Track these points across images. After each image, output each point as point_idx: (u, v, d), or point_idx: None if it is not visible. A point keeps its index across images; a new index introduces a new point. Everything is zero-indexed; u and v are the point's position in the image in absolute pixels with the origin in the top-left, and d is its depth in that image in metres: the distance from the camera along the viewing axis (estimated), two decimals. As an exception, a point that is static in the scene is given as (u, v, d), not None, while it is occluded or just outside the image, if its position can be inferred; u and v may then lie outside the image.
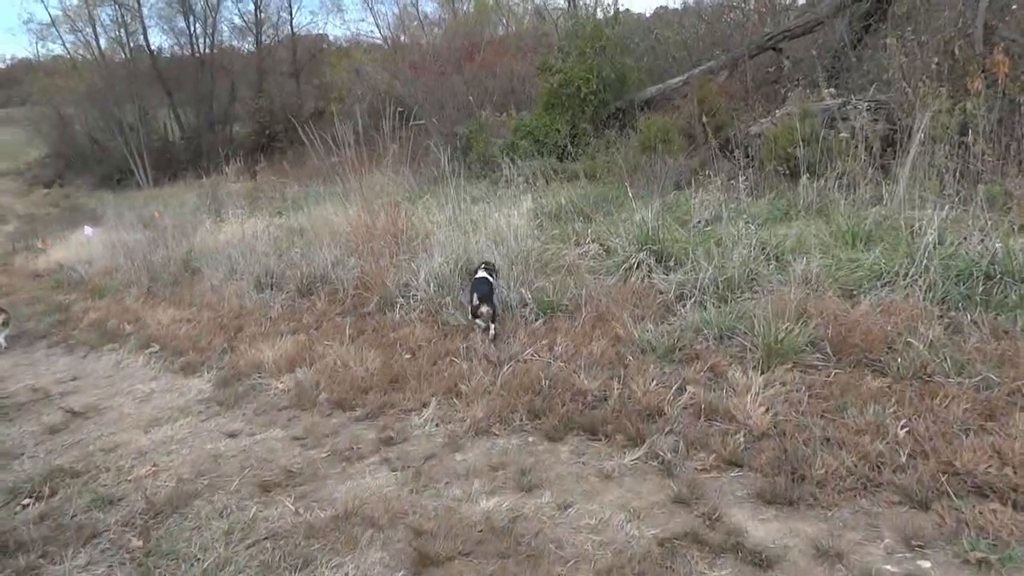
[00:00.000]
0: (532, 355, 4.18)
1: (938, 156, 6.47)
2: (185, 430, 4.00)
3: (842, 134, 7.36)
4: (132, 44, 28.76)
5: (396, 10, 26.23)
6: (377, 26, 27.53)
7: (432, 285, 5.27)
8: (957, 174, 6.34)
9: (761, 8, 13.85)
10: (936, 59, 7.22)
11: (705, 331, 4.01)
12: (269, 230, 8.58)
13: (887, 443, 2.84)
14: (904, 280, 4.09)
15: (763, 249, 5.13)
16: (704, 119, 9.10)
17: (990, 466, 2.61)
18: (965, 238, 4.78)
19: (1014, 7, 7.67)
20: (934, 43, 7.96)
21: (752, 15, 13.03)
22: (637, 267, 5.03)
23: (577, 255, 5.72)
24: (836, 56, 10.83)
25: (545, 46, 17.50)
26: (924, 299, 3.89)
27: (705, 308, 4.24)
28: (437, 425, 3.64)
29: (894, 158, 7.19)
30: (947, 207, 5.17)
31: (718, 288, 4.46)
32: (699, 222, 6.48)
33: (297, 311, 5.83)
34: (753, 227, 5.90)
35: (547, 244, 6.15)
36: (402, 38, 26.62)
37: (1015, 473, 2.56)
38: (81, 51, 28.65)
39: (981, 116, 6.52)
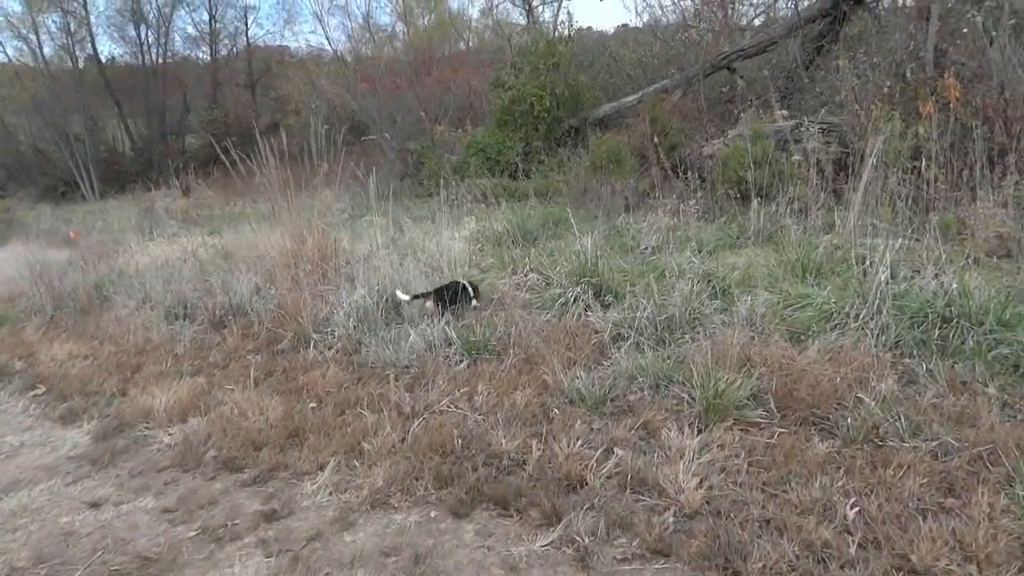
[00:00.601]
0: (449, 405, 3.71)
1: (891, 182, 6.22)
2: (43, 497, 3.44)
3: (794, 157, 7.09)
4: (79, 52, 27.69)
5: (348, 23, 25.63)
6: (327, 39, 26.94)
7: (351, 321, 4.77)
8: (910, 201, 6.09)
9: (716, 27, 13.71)
10: (888, 82, 6.99)
11: (640, 379, 3.58)
12: (197, 252, 7.99)
13: (835, 527, 2.44)
14: (855, 322, 3.72)
15: (708, 282, 4.76)
16: (656, 139, 8.79)
17: (951, 561, 2.22)
18: (918, 271, 4.47)
19: (964, 31, 7.50)
20: (886, 65, 7.77)
21: (707, 34, 12.84)
22: (574, 302, 4.60)
23: (514, 286, 5.28)
24: (789, 77, 10.66)
25: (502, 61, 17.14)
26: (876, 345, 3.53)
27: (642, 352, 3.82)
28: (331, 494, 3.14)
29: (846, 182, 6.94)
30: (900, 238, 4.87)
31: (657, 328, 4.04)
32: (645, 249, 6.10)
33: (206, 347, 5.27)
34: (699, 257, 5.55)
35: (484, 272, 5.70)
36: (363, 51, 26.10)
37: (979, 571, 2.18)
38: (27, 59, 27.45)
39: (933, 141, 6.29)
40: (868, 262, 4.61)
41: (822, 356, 3.50)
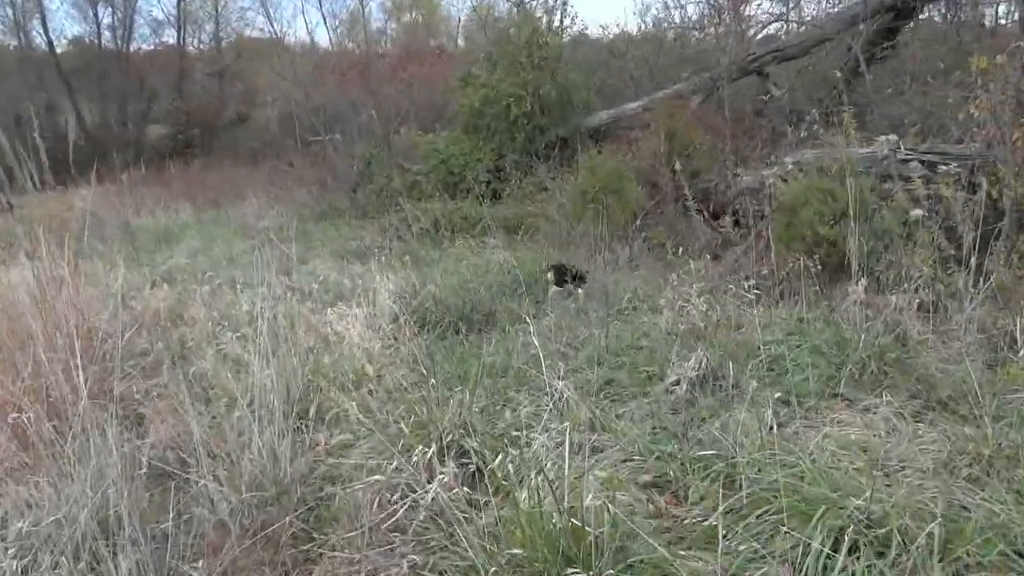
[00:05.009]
0: None
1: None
2: None
3: (915, 211, 4.14)
4: (29, 31, 24.38)
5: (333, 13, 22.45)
6: (268, 18, 23.51)
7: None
8: None
9: (739, 26, 10.68)
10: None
11: None
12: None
13: None
14: None
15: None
16: (676, 163, 5.81)
17: None
18: None
19: None
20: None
21: (731, 30, 9.81)
22: None
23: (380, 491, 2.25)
24: (847, 82, 7.65)
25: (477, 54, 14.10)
26: None
27: None
28: None
29: (989, 253, 4.05)
30: None
31: None
32: (676, 384, 3.11)
33: None
34: (788, 417, 2.59)
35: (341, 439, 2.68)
36: (350, 46, 22.76)
37: None
38: (-30, 36, 24.07)
39: None
40: None
41: None
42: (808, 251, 4.29)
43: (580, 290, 4.70)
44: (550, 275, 4.87)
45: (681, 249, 5.23)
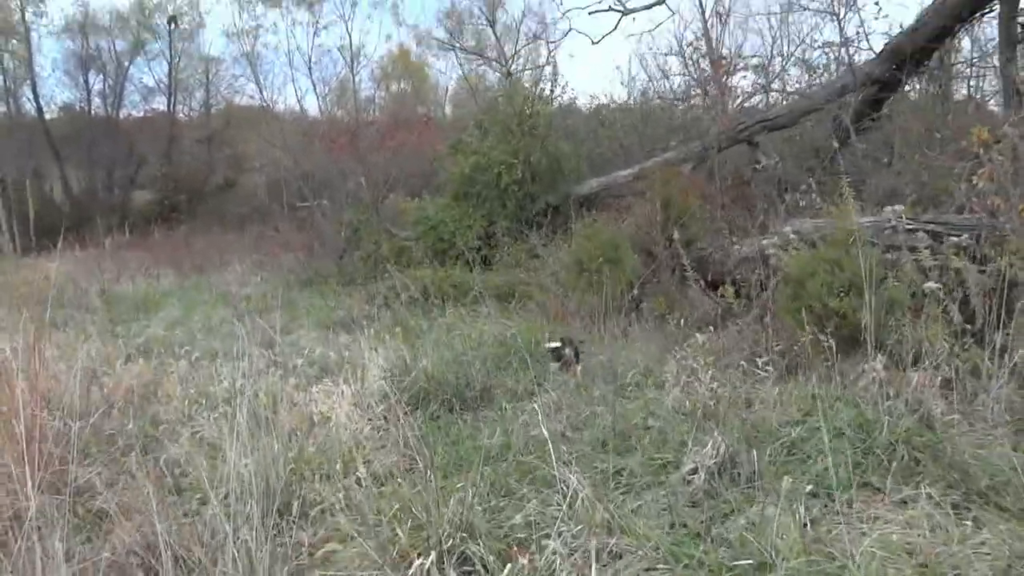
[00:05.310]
0: None
1: None
2: None
3: (929, 283, 4.00)
4: (19, 97, 24.49)
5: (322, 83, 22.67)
6: (258, 85, 23.31)
7: None
8: None
9: (726, 96, 10.86)
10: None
11: None
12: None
13: None
14: None
15: None
16: (674, 231, 5.69)
17: None
18: None
19: None
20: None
21: (718, 102, 9.95)
22: None
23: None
24: (839, 152, 7.68)
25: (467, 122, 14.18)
26: None
27: None
28: None
29: (1006, 330, 3.88)
30: None
31: None
32: (693, 473, 2.85)
33: None
34: (820, 515, 2.34)
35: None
36: (338, 113, 22.99)
37: None
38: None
39: None
40: None
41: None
42: (818, 324, 4.10)
43: (578, 365, 4.47)
44: (568, 351, 4.66)
45: (682, 320, 5.05)
